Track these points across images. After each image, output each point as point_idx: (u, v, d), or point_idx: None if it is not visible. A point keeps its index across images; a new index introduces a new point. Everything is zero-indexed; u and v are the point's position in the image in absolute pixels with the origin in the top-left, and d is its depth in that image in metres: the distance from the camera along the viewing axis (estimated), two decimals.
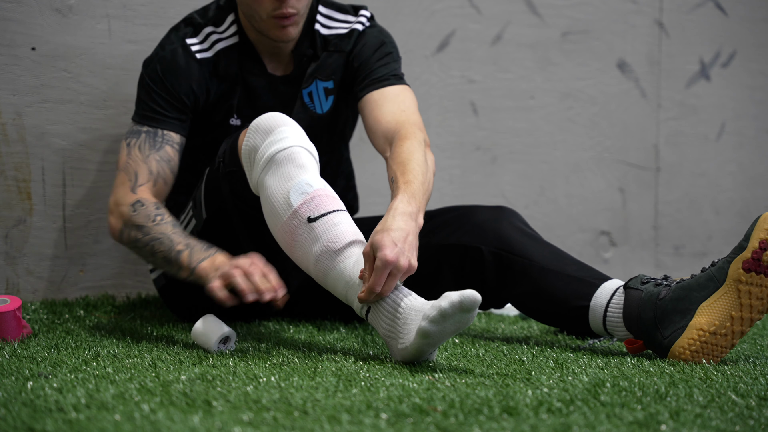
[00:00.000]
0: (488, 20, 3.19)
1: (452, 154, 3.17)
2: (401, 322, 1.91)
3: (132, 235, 2.21)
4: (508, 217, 2.31)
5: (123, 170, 2.30)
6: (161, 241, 2.15)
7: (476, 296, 1.83)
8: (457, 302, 1.82)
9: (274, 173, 2.05)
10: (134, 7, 2.67)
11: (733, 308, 2.00)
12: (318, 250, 1.99)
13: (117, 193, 2.28)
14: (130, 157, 2.30)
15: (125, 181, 2.28)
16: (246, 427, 1.42)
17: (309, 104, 2.46)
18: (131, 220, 2.21)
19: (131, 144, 2.32)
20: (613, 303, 2.12)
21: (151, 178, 2.28)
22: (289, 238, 2.03)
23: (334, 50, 2.44)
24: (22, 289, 2.61)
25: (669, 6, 3.41)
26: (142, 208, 2.22)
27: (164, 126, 2.34)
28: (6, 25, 2.55)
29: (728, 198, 3.52)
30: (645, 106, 3.40)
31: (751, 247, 1.99)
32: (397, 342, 1.91)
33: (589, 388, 1.70)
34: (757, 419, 1.54)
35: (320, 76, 2.46)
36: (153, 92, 2.35)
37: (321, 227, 1.99)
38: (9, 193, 2.59)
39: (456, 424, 1.47)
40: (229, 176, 2.19)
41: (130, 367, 1.83)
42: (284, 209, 2.02)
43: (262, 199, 2.07)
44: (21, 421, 1.41)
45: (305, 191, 2.01)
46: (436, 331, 1.85)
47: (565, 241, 3.30)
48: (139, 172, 2.28)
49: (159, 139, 2.33)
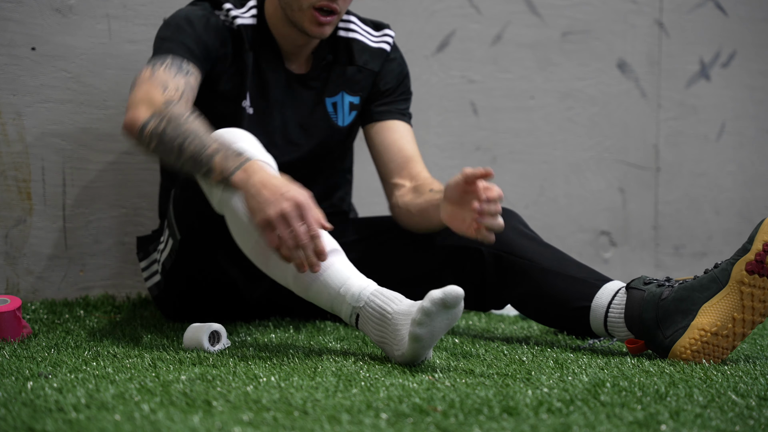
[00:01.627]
0: (488, 20, 3.19)
1: (452, 154, 3.17)
2: (391, 328, 1.90)
3: (160, 126, 2.03)
4: (509, 218, 2.30)
5: (148, 81, 2.14)
6: (191, 140, 1.99)
7: (458, 291, 1.81)
8: (439, 300, 1.81)
9: (236, 193, 1.99)
10: (134, 7, 2.67)
11: (735, 310, 2.00)
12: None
13: (145, 89, 2.12)
14: (154, 74, 2.16)
15: (155, 86, 2.13)
16: (246, 427, 1.42)
17: (332, 114, 2.44)
18: (162, 111, 2.04)
19: (155, 66, 2.19)
20: (615, 303, 2.12)
21: (178, 93, 2.15)
22: (263, 257, 2.00)
23: (363, 67, 2.44)
24: (22, 289, 2.61)
25: (669, 6, 3.41)
26: (175, 105, 2.07)
27: (190, 60, 2.22)
28: (6, 25, 2.55)
29: (728, 198, 3.52)
30: (645, 106, 3.40)
31: (755, 249, 1.99)
32: (392, 348, 1.91)
33: (589, 388, 1.70)
34: (757, 419, 1.54)
35: (348, 89, 2.45)
36: (179, 31, 2.25)
37: None
38: (9, 193, 2.59)
39: (456, 424, 1.47)
40: (192, 199, 2.15)
41: (130, 367, 1.83)
42: (253, 230, 1.98)
43: (227, 220, 2.02)
44: (21, 421, 1.41)
45: None
46: (426, 332, 1.83)
47: (565, 241, 3.30)
48: (168, 83, 2.15)
49: (184, 67, 2.21)
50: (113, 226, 2.69)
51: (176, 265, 2.29)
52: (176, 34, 2.25)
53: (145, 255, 2.47)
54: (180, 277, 2.32)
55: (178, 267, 2.29)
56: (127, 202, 2.70)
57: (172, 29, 2.26)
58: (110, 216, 2.69)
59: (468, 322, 2.60)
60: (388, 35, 2.49)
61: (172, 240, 2.27)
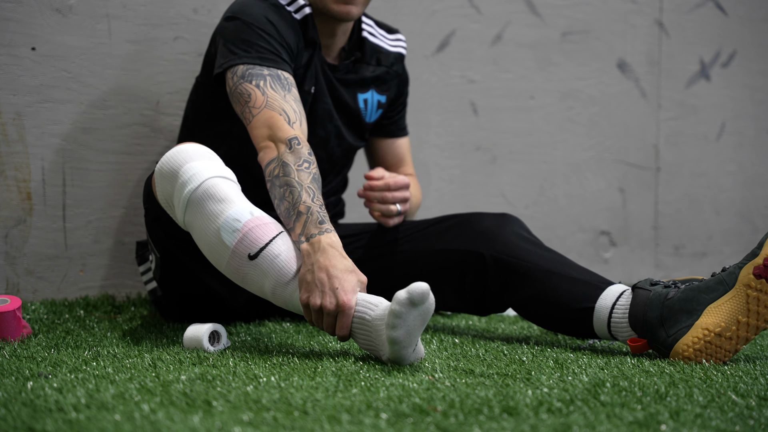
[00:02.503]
0: (488, 20, 3.19)
1: (452, 154, 3.17)
2: (374, 334, 1.91)
3: (277, 171, 2.07)
4: (511, 224, 2.32)
5: (266, 107, 2.15)
6: (293, 191, 2.03)
7: (422, 286, 1.80)
8: (406, 299, 1.81)
9: (197, 215, 1.99)
10: (134, 7, 2.67)
11: (741, 313, 2.00)
12: (270, 284, 1.98)
13: (272, 126, 2.12)
14: (267, 96, 2.16)
15: (276, 116, 2.14)
16: (246, 427, 1.42)
17: (363, 110, 2.51)
18: (283, 158, 2.07)
19: (261, 85, 2.18)
20: (619, 305, 2.11)
21: (297, 117, 2.16)
22: (238, 276, 2.00)
23: (390, 68, 2.54)
24: (22, 289, 2.61)
25: (669, 6, 3.41)
26: (299, 147, 2.09)
27: (282, 68, 2.23)
28: (6, 25, 2.55)
29: (728, 198, 3.52)
30: (645, 106, 3.40)
31: (764, 254, 2.00)
32: (379, 353, 1.92)
33: (589, 388, 1.70)
34: (757, 419, 1.54)
35: (377, 88, 2.52)
36: (265, 35, 2.25)
37: (264, 263, 1.97)
38: (9, 193, 2.59)
39: (456, 424, 1.47)
40: (157, 220, 2.15)
41: (130, 367, 1.83)
42: (222, 251, 1.98)
43: (195, 239, 2.02)
44: (21, 421, 1.41)
45: (235, 228, 1.96)
46: (401, 334, 1.83)
47: (565, 241, 3.30)
48: (285, 109, 2.15)
49: (284, 80, 2.21)
50: (113, 226, 2.69)
51: (164, 277, 2.31)
52: (259, 37, 2.24)
53: (142, 260, 2.48)
54: (171, 286, 2.33)
55: (166, 279, 2.31)
56: (127, 202, 2.70)
57: (251, 31, 2.24)
58: (110, 216, 2.69)
59: (468, 322, 2.60)
60: (401, 40, 2.58)
61: (154, 255, 2.28)
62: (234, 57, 2.23)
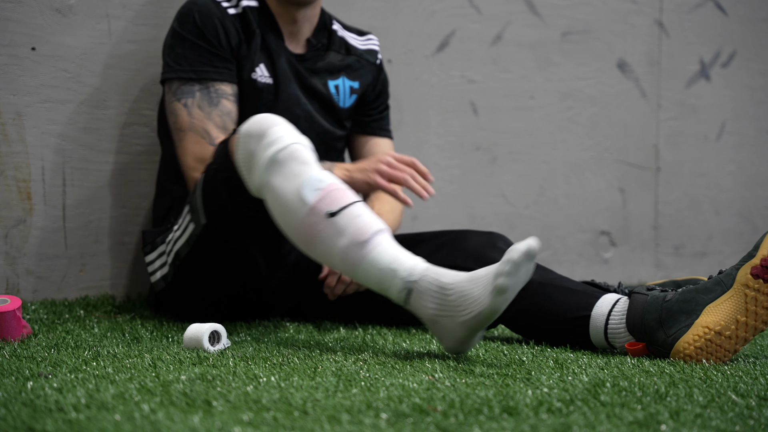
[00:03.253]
0: (488, 20, 3.19)
1: (452, 154, 3.17)
2: (455, 296, 1.92)
3: None
4: (497, 241, 2.37)
5: (189, 130, 2.36)
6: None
7: (537, 243, 1.89)
8: (525, 251, 1.86)
9: (278, 173, 2.04)
10: (134, 7, 2.68)
11: (739, 312, 2.01)
12: (344, 243, 1.99)
13: (194, 150, 2.36)
14: (192, 117, 2.36)
15: (198, 139, 2.35)
16: (246, 427, 1.42)
17: (335, 95, 2.57)
18: None
19: (188, 104, 2.37)
20: (616, 311, 2.11)
21: (219, 131, 2.36)
22: (308, 235, 2.01)
23: (361, 57, 2.61)
24: (22, 289, 2.61)
25: (669, 6, 3.41)
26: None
27: (215, 78, 2.39)
28: (6, 25, 2.55)
29: (728, 198, 3.52)
30: (645, 106, 3.40)
31: (761, 255, 2.01)
32: (458, 316, 1.92)
33: (589, 388, 1.70)
34: (757, 419, 1.54)
35: (348, 75, 2.60)
36: (195, 46, 2.40)
37: (344, 220, 1.99)
38: (9, 193, 2.59)
39: (456, 424, 1.47)
40: (226, 181, 2.17)
41: (130, 367, 1.83)
42: (298, 207, 2.01)
43: (269, 200, 2.05)
44: (21, 421, 1.41)
45: (319, 187, 2.01)
46: (511, 283, 1.87)
47: (565, 241, 3.30)
48: (208, 128, 2.35)
49: (213, 94, 2.38)
50: (113, 226, 2.69)
51: (194, 252, 2.29)
52: (193, 50, 2.40)
53: (152, 248, 2.45)
54: (194, 266, 2.32)
55: (196, 254, 2.29)
56: (127, 202, 2.70)
57: (187, 44, 2.40)
58: (110, 216, 2.69)
59: None
60: (372, 40, 2.67)
61: (194, 225, 2.28)
62: (169, 70, 2.41)
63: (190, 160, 2.36)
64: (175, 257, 2.34)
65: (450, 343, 1.95)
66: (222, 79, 2.40)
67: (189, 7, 2.43)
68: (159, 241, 2.42)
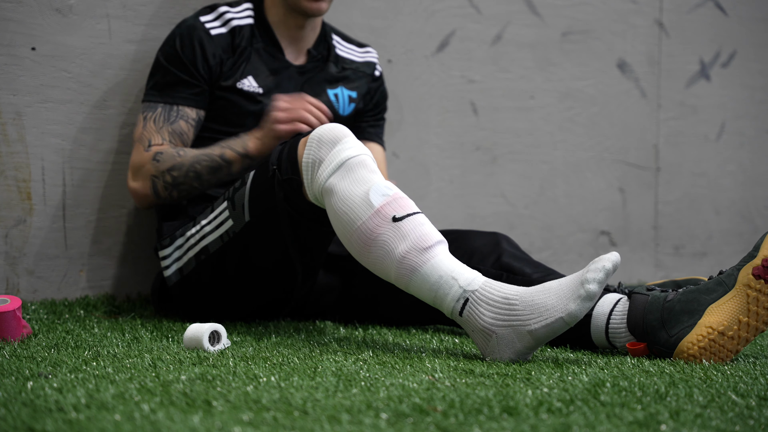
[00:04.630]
0: (488, 20, 3.19)
1: (452, 154, 3.17)
2: (523, 305, 1.94)
3: (168, 178, 2.36)
4: (503, 241, 2.39)
5: (138, 141, 2.48)
6: (198, 161, 2.36)
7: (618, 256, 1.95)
8: (615, 260, 1.93)
9: (346, 177, 2.08)
10: (134, 7, 2.68)
11: (741, 312, 2.01)
12: (404, 248, 2.00)
13: (133, 159, 2.47)
14: (145, 129, 2.47)
15: (140, 148, 2.47)
16: (246, 427, 1.42)
17: (335, 103, 2.63)
18: (159, 168, 2.39)
19: (147, 117, 2.49)
20: (617, 311, 2.11)
21: (164, 142, 2.46)
22: (368, 238, 2.03)
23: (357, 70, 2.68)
24: (22, 289, 2.61)
25: (669, 6, 3.41)
26: (162, 155, 2.41)
27: (179, 102, 2.49)
28: (6, 25, 2.55)
29: (728, 198, 3.52)
30: (645, 106, 3.40)
31: (761, 255, 2.01)
32: (526, 325, 1.93)
33: (589, 388, 1.70)
34: (757, 419, 1.54)
35: (346, 85, 2.66)
36: (167, 72, 2.50)
37: (408, 226, 2.01)
38: (9, 193, 2.59)
39: (456, 424, 1.47)
40: (286, 184, 2.19)
41: (130, 367, 1.83)
42: (363, 209, 2.04)
43: (332, 202, 2.07)
44: (21, 421, 1.41)
45: (386, 193, 2.04)
46: (599, 291, 1.91)
47: (565, 241, 3.30)
48: (152, 139, 2.46)
49: (174, 114, 2.48)
50: (113, 226, 2.69)
51: (226, 248, 2.30)
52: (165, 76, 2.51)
53: (171, 241, 2.44)
54: (222, 262, 2.32)
55: (229, 250, 2.30)
56: (127, 202, 2.70)
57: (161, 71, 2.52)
58: (110, 216, 2.69)
59: None
60: (371, 52, 2.73)
61: (232, 222, 2.29)
62: (146, 95, 2.52)
63: (131, 169, 2.47)
64: (201, 251, 2.34)
65: (509, 353, 1.95)
66: (186, 104, 2.49)
67: (174, 30, 2.53)
68: (178, 234, 2.41)
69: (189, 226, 2.38)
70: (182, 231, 2.40)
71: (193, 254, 2.36)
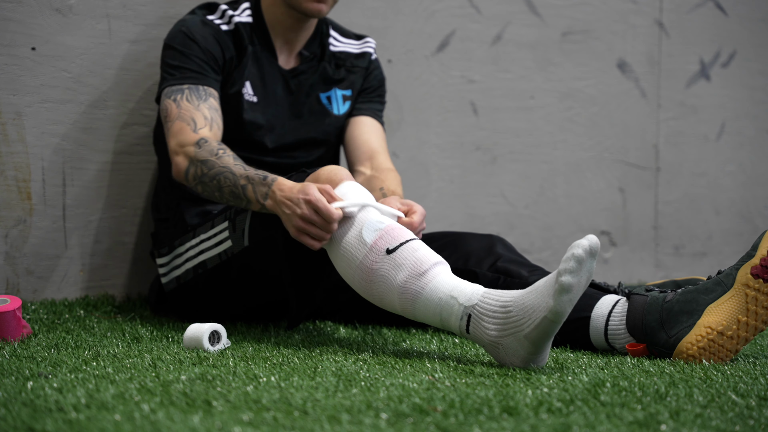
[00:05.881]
0: (488, 20, 3.19)
1: (452, 154, 3.17)
2: (517, 310, 1.90)
3: (198, 171, 2.28)
4: (499, 244, 2.38)
5: (178, 119, 2.38)
6: (225, 175, 2.24)
7: (597, 240, 1.89)
8: (588, 247, 1.87)
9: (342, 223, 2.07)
10: (134, 7, 2.68)
11: (740, 312, 2.01)
12: (403, 277, 1.99)
13: (179, 136, 2.35)
14: (181, 108, 2.39)
15: (184, 126, 2.37)
16: (246, 427, 1.42)
17: (327, 105, 2.60)
18: (197, 157, 2.29)
19: (177, 99, 2.40)
20: (616, 312, 2.11)
21: (206, 122, 2.37)
22: (368, 275, 2.02)
23: (352, 68, 2.64)
24: (22, 289, 2.61)
25: (669, 6, 3.41)
26: (206, 144, 2.30)
27: (204, 82, 2.43)
28: (6, 25, 2.55)
29: (728, 198, 3.52)
30: (645, 106, 3.40)
31: (760, 254, 2.01)
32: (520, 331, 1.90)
33: (589, 388, 1.70)
34: (757, 419, 1.54)
35: (339, 86, 2.62)
36: (186, 55, 2.44)
37: (402, 255, 2.01)
38: (9, 193, 2.59)
39: (456, 424, 1.47)
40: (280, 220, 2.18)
41: (130, 367, 1.83)
42: (359, 249, 2.04)
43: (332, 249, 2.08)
44: (21, 421, 1.41)
45: (378, 228, 2.03)
46: (575, 281, 1.86)
47: (565, 241, 3.30)
48: (195, 117, 2.37)
49: (202, 92, 2.42)
50: (113, 226, 2.69)
51: (224, 266, 2.30)
52: (184, 59, 2.44)
53: (170, 250, 2.45)
54: (219, 278, 2.33)
55: (225, 269, 2.31)
56: (127, 202, 2.70)
57: (178, 55, 2.44)
58: (110, 216, 2.69)
59: None
60: (369, 43, 2.67)
61: (231, 243, 2.29)
62: (164, 82, 2.44)
63: (174, 144, 2.35)
64: (199, 265, 2.35)
65: (518, 361, 1.93)
66: (210, 85, 2.43)
67: (178, 26, 2.48)
68: (177, 244, 2.42)
69: (188, 237, 2.38)
70: (181, 241, 2.40)
71: (191, 266, 2.37)
